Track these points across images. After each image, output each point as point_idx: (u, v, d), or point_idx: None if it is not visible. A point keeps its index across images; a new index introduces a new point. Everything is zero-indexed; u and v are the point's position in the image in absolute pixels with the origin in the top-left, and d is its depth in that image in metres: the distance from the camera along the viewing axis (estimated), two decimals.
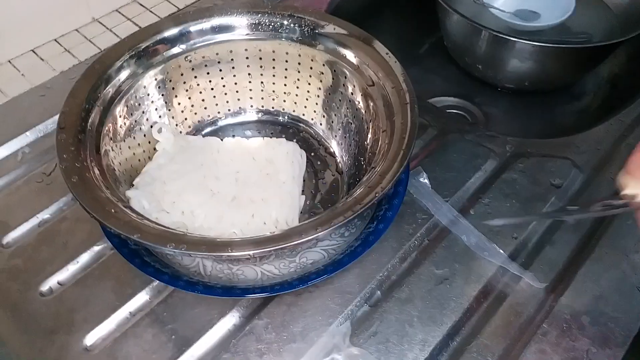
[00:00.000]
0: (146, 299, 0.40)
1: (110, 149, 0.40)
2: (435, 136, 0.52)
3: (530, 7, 0.65)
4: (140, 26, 0.56)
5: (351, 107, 0.45)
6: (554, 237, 0.45)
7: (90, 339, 0.38)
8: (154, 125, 0.45)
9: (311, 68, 0.47)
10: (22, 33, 0.56)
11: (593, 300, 0.40)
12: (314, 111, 0.49)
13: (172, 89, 0.46)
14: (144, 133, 0.44)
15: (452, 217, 0.45)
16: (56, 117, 0.40)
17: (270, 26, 0.46)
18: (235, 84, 0.49)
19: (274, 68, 0.48)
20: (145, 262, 0.37)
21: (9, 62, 0.56)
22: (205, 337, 0.38)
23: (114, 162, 0.40)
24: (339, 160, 0.48)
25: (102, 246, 0.43)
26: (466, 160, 0.50)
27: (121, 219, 0.32)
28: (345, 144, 0.47)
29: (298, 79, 0.48)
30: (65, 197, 0.46)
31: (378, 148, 0.40)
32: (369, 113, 0.43)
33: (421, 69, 0.76)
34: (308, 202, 0.45)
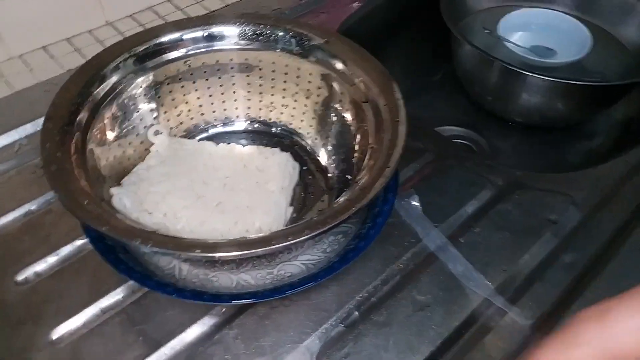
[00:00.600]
0: (119, 298, 0.39)
1: (96, 145, 0.40)
2: (431, 161, 0.51)
3: (546, 44, 0.65)
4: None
5: (343, 122, 0.45)
6: (546, 273, 0.43)
7: (57, 333, 0.37)
8: (149, 128, 0.45)
9: (309, 82, 0.47)
10: (34, 29, 0.57)
11: None
12: (310, 125, 0.49)
13: (169, 92, 0.46)
14: (136, 133, 0.44)
15: (440, 243, 0.44)
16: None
17: (271, 37, 0.46)
18: (234, 92, 0.49)
19: (273, 80, 0.48)
20: (119, 259, 0.36)
21: (19, 57, 0.58)
22: (174, 342, 0.37)
23: (100, 157, 0.40)
24: (329, 176, 0.47)
25: (84, 241, 0.42)
26: (461, 187, 0.49)
27: (92, 211, 0.32)
28: (335, 160, 0.46)
29: (296, 92, 0.48)
30: (52, 191, 0.46)
31: (364, 164, 0.39)
32: (360, 129, 0.43)
33: (431, 97, 0.76)
34: (294, 215, 0.44)
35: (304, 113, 0.49)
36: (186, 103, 0.48)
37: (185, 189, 0.42)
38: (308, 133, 0.49)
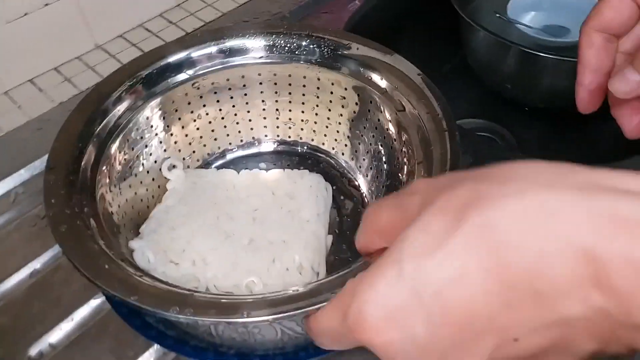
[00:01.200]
0: None
1: (107, 190, 0.35)
2: (471, 164, 0.46)
3: (559, 23, 0.62)
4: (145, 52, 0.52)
5: (379, 135, 0.40)
6: None
7: None
8: (162, 162, 0.40)
9: (331, 93, 0.42)
10: (20, 62, 0.52)
11: None
12: (335, 140, 0.44)
13: (179, 119, 0.41)
14: (147, 170, 0.39)
15: None
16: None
17: (287, 48, 0.41)
18: (248, 112, 0.44)
19: (290, 94, 0.43)
20: (147, 323, 0.31)
21: (4, 93, 0.52)
22: None
23: (112, 205, 0.35)
24: (365, 194, 0.42)
25: (101, 300, 0.37)
26: None
27: (115, 275, 0.27)
28: (372, 175, 0.42)
29: (317, 105, 0.43)
30: None
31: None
32: (400, 142, 0.38)
33: (444, 90, 0.72)
34: (333, 243, 0.39)
35: (328, 127, 0.44)
36: (197, 129, 0.43)
37: (210, 228, 0.37)
38: (335, 149, 0.44)
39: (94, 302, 0.37)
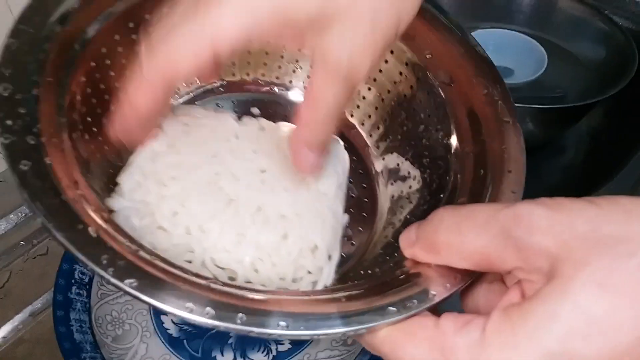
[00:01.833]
0: None
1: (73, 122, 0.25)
2: None
3: (503, 64, 0.62)
4: None
5: (410, 112, 0.35)
6: None
7: None
8: None
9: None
10: None
11: None
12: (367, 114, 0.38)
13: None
14: None
15: None
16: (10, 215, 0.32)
17: None
18: None
19: None
20: None
21: None
22: None
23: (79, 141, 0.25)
24: (379, 172, 0.37)
25: None
26: None
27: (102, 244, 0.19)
28: (397, 156, 0.36)
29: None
30: (21, 314, 0.35)
31: (462, 178, 0.30)
32: (442, 124, 0.33)
33: None
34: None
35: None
36: None
37: (209, 188, 0.29)
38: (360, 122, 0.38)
39: None
